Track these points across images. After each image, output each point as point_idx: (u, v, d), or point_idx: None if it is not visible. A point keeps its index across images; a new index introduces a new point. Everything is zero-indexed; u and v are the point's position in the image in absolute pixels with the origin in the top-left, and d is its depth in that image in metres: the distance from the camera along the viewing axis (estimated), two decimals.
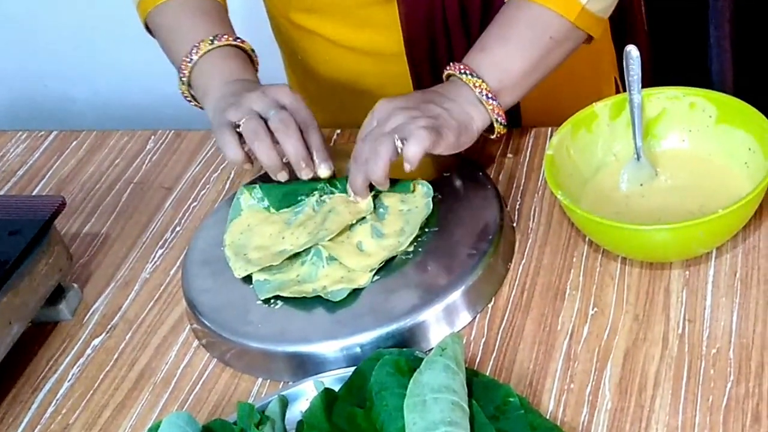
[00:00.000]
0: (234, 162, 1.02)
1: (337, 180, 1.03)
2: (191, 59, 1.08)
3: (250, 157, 1.02)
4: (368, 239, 0.99)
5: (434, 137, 0.95)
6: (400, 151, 0.95)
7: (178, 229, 1.16)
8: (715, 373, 0.85)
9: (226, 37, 1.09)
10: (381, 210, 1.01)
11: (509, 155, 1.14)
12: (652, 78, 1.06)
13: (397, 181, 1.02)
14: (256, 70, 1.12)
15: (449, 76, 1.04)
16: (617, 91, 1.29)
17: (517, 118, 1.21)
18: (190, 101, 1.13)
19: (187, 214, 1.18)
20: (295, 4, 1.21)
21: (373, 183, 0.99)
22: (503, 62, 1.02)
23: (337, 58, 1.23)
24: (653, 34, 1.69)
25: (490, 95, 1.00)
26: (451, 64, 1.03)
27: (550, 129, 1.15)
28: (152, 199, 1.22)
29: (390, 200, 1.02)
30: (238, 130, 1.00)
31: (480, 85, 1.00)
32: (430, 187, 1.02)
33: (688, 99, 1.03)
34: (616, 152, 1.05)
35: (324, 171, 1.01)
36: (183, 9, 1.13)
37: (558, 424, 0.83)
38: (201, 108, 1.10)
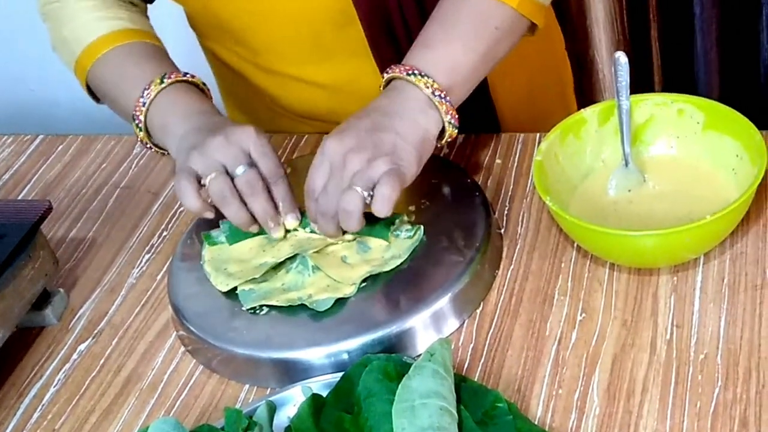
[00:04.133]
0: (191, 211, 0.99)
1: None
2: (144, 102, 1.03)
3: (209, 205, 0.98)
4: (353, 253, 0.98)
5: (399, 184, 0.90)
6: (368, 202, 0.91)
7: (165, 234, 1.15)
8: (703, 379, 0.85)
9: (175, 74, 1.05)
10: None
11: (497, 161, 1.14)
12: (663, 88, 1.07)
13: (377, 223, 0.98)
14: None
15: (391, 79, 0.98)
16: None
17: (494, 124, 1.21)
18: (150, 148, 1.07)
19: (173, 219, 1.17)
20: (259, 48, 1.17)
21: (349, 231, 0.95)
22: (450, 57, 0.97)
23: (313, 97, 1.20)
24: (639, 42, 1.70)
25: (443, 95, 0.95)
26: (393, 66, 0.97)
27: (538, 135, 1.15)
28: (139, 203, 1.22)
29: None
30: (201, 182, 0.96)
31: (431, 84, 0.95)
32: (421, 229, 1.00)
33: (676, 105, 1.03)
34: (604, 158, 1.05)
35: (291, 222, 0.99)
36: (124, 57, 1.09)
37: (546, 429, 0.83)
38: (163, 153, 1.06)
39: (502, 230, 1.04)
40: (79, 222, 1.20)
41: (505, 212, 1.06)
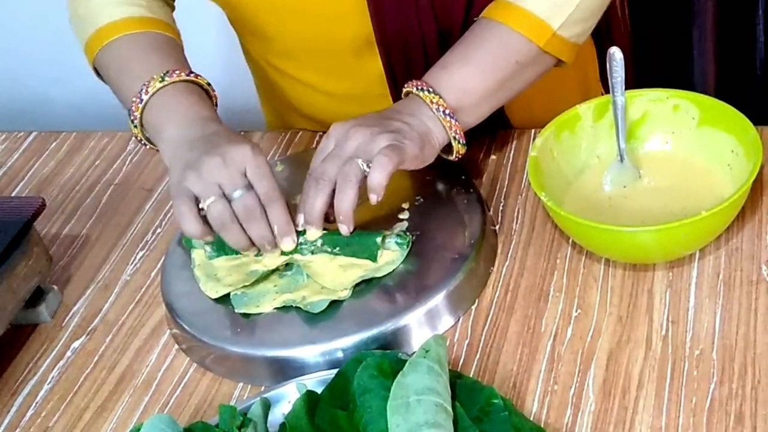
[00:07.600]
0: (191, 236, 0.97)
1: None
2: (141, 99, 1.01)
3: (209, 229, 0.96)
4: (343, 258, 0.98)
5: (397, 157, 0.92)
6: (366, 174, 0.92)
7: (159, 230, 1.15)
8: (699, 375, 0.85)
9: (177, 72, 1.02)
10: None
11: (492, 157, 1.14)
12: (635, 79, 1.06)
13: (366, 243, 0.97)
14: (215, 105, 1.07)
15: (407, 93, 1.01)
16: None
17: (503, 121, 1.20)
18: (145, 144, 1.06)
19: (168, 216, 1.17)
20: (273, 49, 1.17)
21: (339, 216, 0.94)
22: (463, 82, 0.99)
23: (320, 103, 1.20)
24: (636, 34, 1.69)
25: (447, 112, 0.97)
26: (411, 81, 1.01)
27: (533, 131, 1.15)
28: (133, 200, 1.21)
29: None
30: (200, 205, 0.95)
31: (437, 102, 0.97)
32: (404, 237, 0.98)
33: (672, 101, 1.03)
34: (599, 154, 1.05)
35: (287, 245, 0.97)
36: (132, 46, 1.07)
37: (541, 425, 0.83)
38: (158, 150, 1.03)
39: (497, 227, 1.04)
40: (73, 219, 1.20)
41: (500, 209, 1.06)
